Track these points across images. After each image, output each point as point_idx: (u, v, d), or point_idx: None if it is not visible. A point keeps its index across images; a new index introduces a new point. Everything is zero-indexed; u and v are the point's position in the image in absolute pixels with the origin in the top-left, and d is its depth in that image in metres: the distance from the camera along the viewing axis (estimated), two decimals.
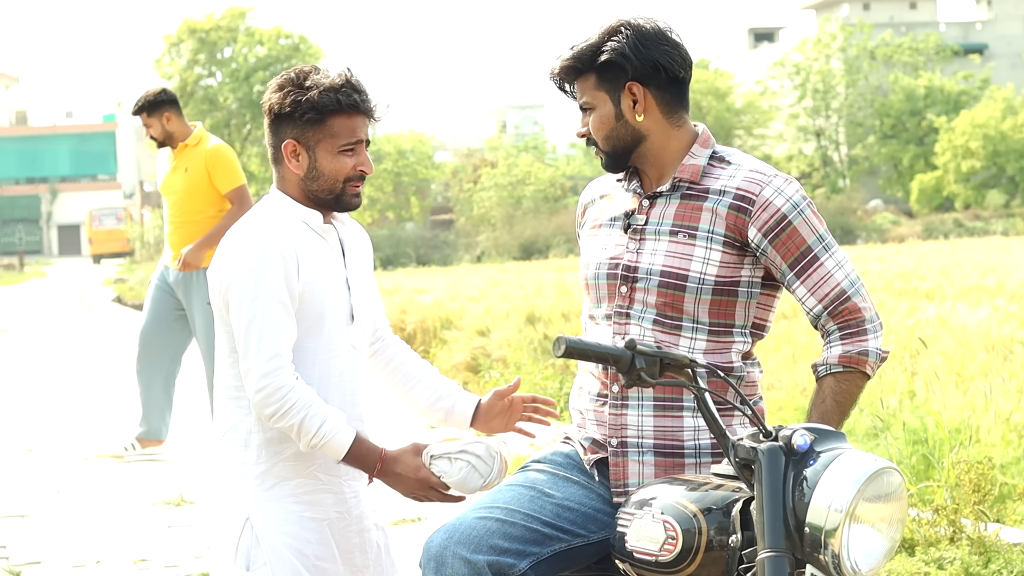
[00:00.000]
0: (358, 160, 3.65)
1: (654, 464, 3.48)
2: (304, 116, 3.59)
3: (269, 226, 3.62)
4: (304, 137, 3.62)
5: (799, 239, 3.47)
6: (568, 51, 3.58)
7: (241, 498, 3.65)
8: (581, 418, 3.62)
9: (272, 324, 3.53)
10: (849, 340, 3.47)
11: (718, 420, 3.12)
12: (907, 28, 77.94)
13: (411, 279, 29.43)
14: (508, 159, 65.85)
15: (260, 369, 3.52)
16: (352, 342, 3.70)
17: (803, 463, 3.00)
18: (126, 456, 9.26)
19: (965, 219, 59.00)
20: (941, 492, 6.49)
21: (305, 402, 3.54)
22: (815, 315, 3.51)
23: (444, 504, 3.68)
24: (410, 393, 3.92)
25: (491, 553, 3.29)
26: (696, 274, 3.47)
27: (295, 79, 3.63)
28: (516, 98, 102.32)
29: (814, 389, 3.51)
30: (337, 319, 3.66)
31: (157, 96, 8.98)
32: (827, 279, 3.48)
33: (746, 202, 3.48)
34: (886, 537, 3.00)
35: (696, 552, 3.12)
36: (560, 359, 3.33)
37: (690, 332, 3.50)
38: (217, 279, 3.62)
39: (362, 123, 3.65)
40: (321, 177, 3.64)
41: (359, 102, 3.62)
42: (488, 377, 12.95)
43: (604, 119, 3.55)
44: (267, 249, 3.56)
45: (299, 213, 3.66)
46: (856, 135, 70.47)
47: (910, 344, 11.22)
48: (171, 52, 68.62)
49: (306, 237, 3.64)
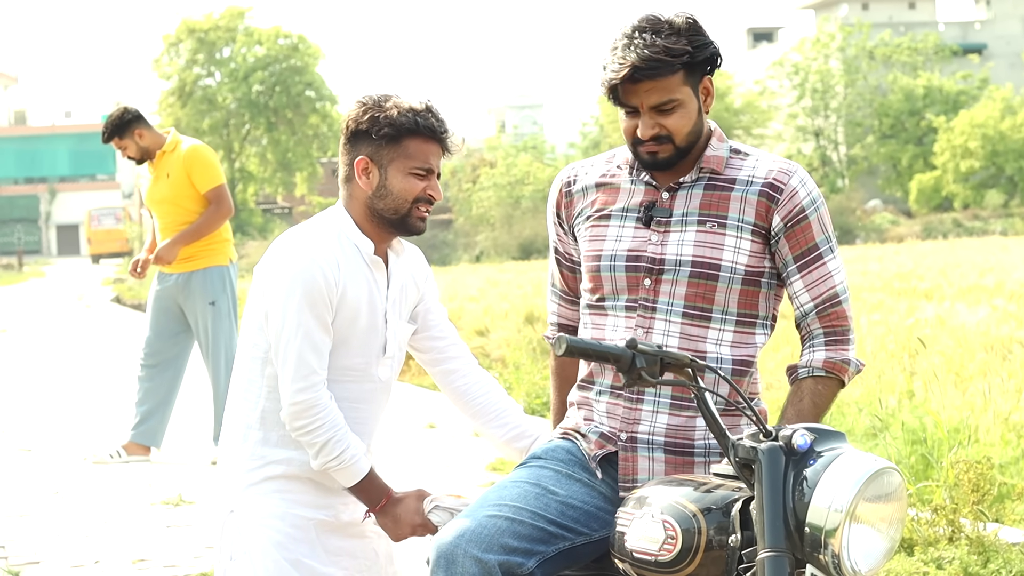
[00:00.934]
0: (428, 185, 3.68)
1: (664, 461, 3.48)
2: (381, 131, 3.61)
3: (321, 239, 3.65)
4: (378, 155, 3.65)
5: (810, 234, 3.51)
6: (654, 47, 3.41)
7: (229, 490, 3.69)
8: (589, 411, 3.59)
9: (312, 340, 3.59)
10: (833, 347, 3.52)
11: (718, 420, 3.11)
12: (906, 28, 77.93)
13: None
14: (507, 159, 65.85)
15: (298, 384, 3.58)
16: (379, 374, 3.75)
17: (803, 463, 3.00)
18: (111, 461, 9.21)
19: (964, 219, 59.03)
20: (940, 492, 6.49)
21: (334, 424, 3.61)
22: (803, 312, 3.54)
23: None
24: (488, 426, 3.95)
25: (501, 552, 3.28)
26: (728, 263, 3.48)
27: (376, 99, 3.66)
28: (515, 98, 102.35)
29: (790, 390, 3.53)
30: (368, 349, 3.70)
31: (123, 117, 8.94)
32: (826, 279, 3.52)
33: (775, 190, 3.51)
34: (886, 537, 3.00)
35: (696, 552, 3.11)
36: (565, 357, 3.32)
37: (719, 324, 3.50)
38: (262, 279, 3.66)
39: (436, 151, 3.68)
40: (389, 196, 3.66)
41: (436, 128, 3.65)
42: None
43: (690, 115, 3.51)
44: (314, 262, 3.60)
45: (354, 236, 3.69)
46: (855, 135, 70.49)
47: (909, 344, 11.23)
48: (170, 52, 68.60)
49: (353, 261, 3.67)
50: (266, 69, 66.76)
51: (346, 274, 3.63)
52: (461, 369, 3.95)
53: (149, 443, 9.21)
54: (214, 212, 8.88)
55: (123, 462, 9.19)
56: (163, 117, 68.33)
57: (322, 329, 3.60)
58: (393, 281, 3.76)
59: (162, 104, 68.44)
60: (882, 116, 69.39)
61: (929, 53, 72.24)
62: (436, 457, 9.48)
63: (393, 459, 9.47)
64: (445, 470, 8.95)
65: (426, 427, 11.00)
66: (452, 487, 8.27)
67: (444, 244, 57.55)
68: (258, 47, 68.09)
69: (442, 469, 9.00)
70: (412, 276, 3.85)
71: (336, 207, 3.75)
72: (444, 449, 9.83)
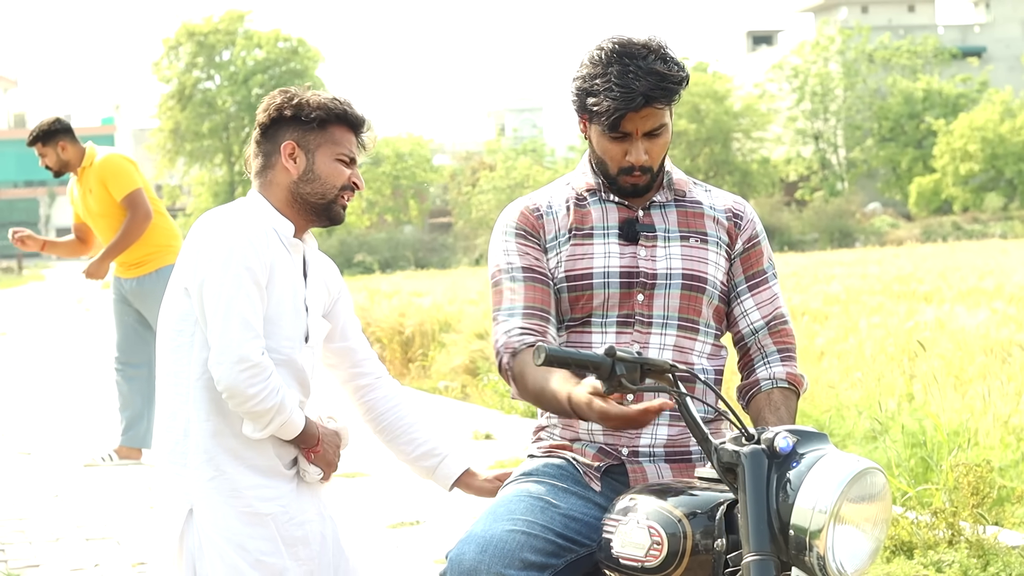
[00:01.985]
0: (353, 173, 3.71)
1: (670, 469, 3.51)
2: (310, 115, 3.62)
3: (247, 214, 3.63)
4: (304, 140, 3.65)
5: (761, 259, 3.67)
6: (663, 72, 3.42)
7: (183, 488, 3.63)
8: (575, 431, 3.56)
9: (253, 304, 3.53)
10: (788, 362, 3.61)
11: (700, 425, 3.11)
12: (905, 31, 77.99)
13: (409, 282, 29.43)
14: (506, 162, 65.88)
15: (246, 348, 3.50)
16: (302, 362, 3.70)
17: (786, 465, 3.00)
18: (103, 464, 9.23)
19: (963, 222, 59.08)
20: (940, 495, 6.49)
21: (280, 382, 3.57)
22: (754, 329, 3.62)
23: (440, 508, 3.71)
24: (395, 443, 3.93)
25: (522, 568, 3.27)
26: (712, 277, 3.58)
27: (296, 90, 3.69)
28: (515, 101, 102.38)
29: (758, 401, 3.53)
30: (290, 332, 3.65)
31: (52, 126, 8.93)
32: (773, 300, 3.65)
33: (737, 217, 3.67)
34: (871, 537, 3.00)
35: (682, 557, 3.11)
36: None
37: (704, 336, 3.58)
38: (190, 261, 3.58)
39: (354, 143, 3.72)
40: (317, 180, 3.66)
41: (362, 119, 3.71)
42: (486, 380, 12.97)
43: (668, 141, 3.57)
44: (249, 231, 3.56)
45: (273, 219, 3.65)
46: (854, 138, 70.54)
47: (908, 347, 11.23)
48: (170, 55, 68.67)
49: (274, 242, 3.63)
50: (266, 72, 66.83)
51: (271, 250, 3.60)
52: (373, 384, 3.92)
53: (139, 446, 9.23)
54: (131, 220, 8.81)
55: (116, 465, 9.21)
56: (163, 120, 68.42)
57: (259, 293, 3.54)
58: (310, 270, 3.74)
59: (162, 107, 68.52)
60: (881, 119, 69.46)
61: (928, 56, 72.30)
62: None
63: (393, 462, 9.47)
64: None
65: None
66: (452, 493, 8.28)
67: (443, 247, 57.54)
68: (258, 50, 68.17)
69: None
70: (323, 276, 3.82)
71: (250, 195, 3.71)
72: None
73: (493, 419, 11.49)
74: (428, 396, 13.60)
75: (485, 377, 13.12)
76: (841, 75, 70.23)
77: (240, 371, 3.50)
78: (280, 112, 3.65)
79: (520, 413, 11.67)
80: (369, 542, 7.00)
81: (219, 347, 3.51)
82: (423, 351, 15.72)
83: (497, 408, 12.16)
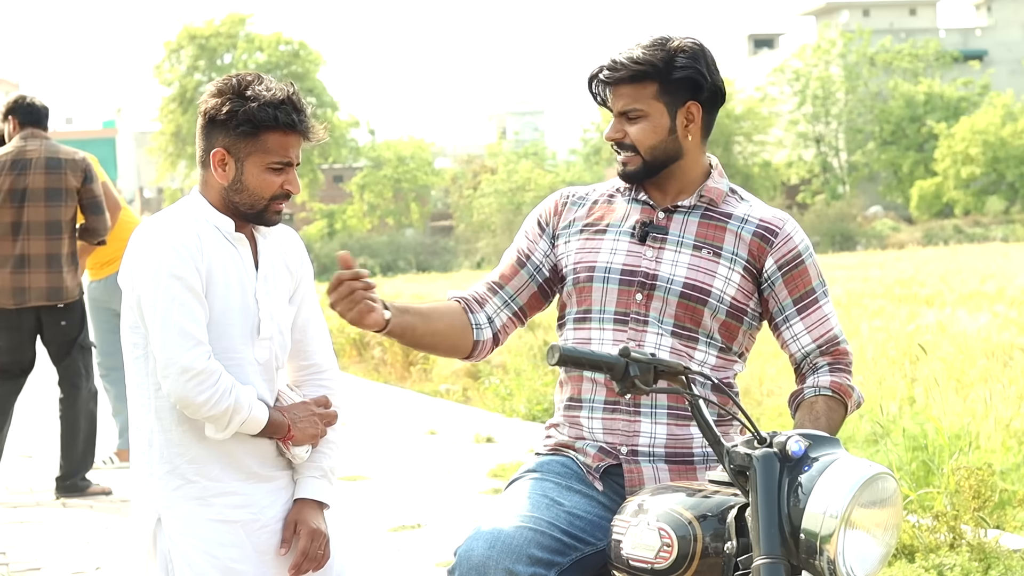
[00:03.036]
0: (286, 179, 3.58)
1: (668, 470, 3.51)
2: (239, 127, 3.51)
3: (177, 221, 3.56)
4: (235, 148, 3.54)
5: (807, 279, 3.59)
6: (630, 54, 3.55)
7: (151, 497, 3.61)
8: (579, 429, 3.59)
9: (189, 311, 3.48)
10: (838, 373, 3.59)
11: (712, 427, 3.12)
12: (907, 34, 77.99)
13: (411, 285, 29.47)
14: (508, 165, 65.92)
15: (187, 358, 3.46)
16: (257, 356, 3.63)
17: (798, 469, 3.00)
18: (104, 468, 9.22)
19: (965, 225, 59.09)
20: (941, 498, 6.49)
21: (232, 382, 3.51)
22: (806, 352, 3.59)
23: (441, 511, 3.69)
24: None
25: (529, 564, 3.28)
26: (718, 291, 3.54)
27: (236, 87, 3.55)
28: (516, 104, 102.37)
29: (800, 410, 3.54)
30: (240, 330, 3.59)
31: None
32: (824, 321, 3.60)
33: (770, 233, 3.58)
34: (881, 543, 3.00)
35: (692, 559, 3.11)
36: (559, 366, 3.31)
37: (704, 347, 3.56)
38: (127, 274, 3.56)
39: (296, 143, 3.57)
40: (245, 191, 3.56)
41: (296, 122, 3.53)
42: (488, 383, 12.97)
43: (656, 130, 3.57)
44: (175, 238, 3.51)
45: (212, 218, 3.59)
46: (856, 141, 70.54)
47: (910, 350, 11.23)
48: (171, 58, 68.72)
49: (214, 241, 3.57)
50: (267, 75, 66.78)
51: (209, 248, 3.54)
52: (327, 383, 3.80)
53: None
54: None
55: (116, 468, 9.22)
56: (164, 123, 68.45)
57: (196, 300, 3.49)
58: (262, 260, 3.66)
59: (163, 110, 68.56)
60: (883, 122, 69.45)
61: (930, 59, 72.31)
62: (437, 463, 9.49)
63: (394, 465, 9.47)
64: (446, 476, 8.95)
65: (427, 433, 11.01)
66: (453, 496, 8.28)
67: (445, 250, 57.60)
68: (259, 53, 68.21)
69: (443, 475, 9.00)
70: (284, 259, 3.73)
71: (192, 193, 3.65)
72: (445, 455, 9.83)
73: (494, 422, 11.50)
74: (429, 399, 13.61)
75: (486, 380, 13.13)
76: (842, 78, 70.24)
77: (185, 381, 3.47)
78: (216, 115, 3.55)
79: (521, 416, 11.68)
80: (370, 545, 6.99)
81: (162, 360, 3.49)
82: (424, 355, 15.72)
83: (498, 411, 12.17)
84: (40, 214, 8.02)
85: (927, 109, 68.91)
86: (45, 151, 8.08)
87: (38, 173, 8.02)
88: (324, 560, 3.70)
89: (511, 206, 60.81)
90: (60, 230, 8.06)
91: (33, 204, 8.01)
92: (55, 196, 8.05)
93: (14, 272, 8.03)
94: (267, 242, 3.69)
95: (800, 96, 70.72)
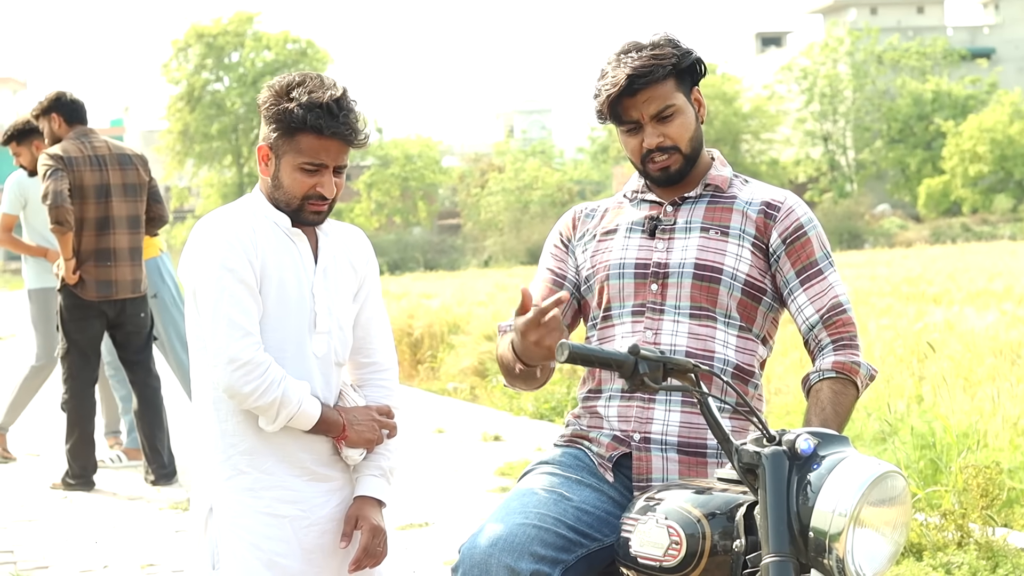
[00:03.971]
0: (318, 181, 3.61)
1: (678, 461, 3.52)
2: (276, 126, 3.59)
3: (233, 215, 3.64)
4: (275, 145, 3.62)
5: (810, 250, 3.63)
6: (636, 55, 3.58)
7: (206, 487, 3.67)
8: (598, 419, 3.62)
9: (239, 303, 3.54)
10: (841, 351, 3.57)
11: (721, 424, 3.12)
12: (914, 32, 77.90)
13: (418, 284, 29.46)
14: (515, 164, 65.90)
15: (234, 348, 3.52)
16: (315, 350, 3.67)
17: (807, 467, 3.00)
18: (111, 466, 9.24)
19: (973, 223, 59.00)
20: (949, 497, 6.48)
21: (280, 378, 3.55)
22: (810, 325, 3.60)
23: (449, 510, 3.69)
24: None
25: (532, 561, 3.29)
26: (730, 268, 3.58)
27: (284, 88, 3.60)
28: (524, 103, 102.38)
29: (808, 401, 3.55)
30: (296, 323, 3.64)
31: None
32: (828, 291, 3.61)
33: (772, 208, 3.65)
34: (890, 541, 3.00)
35: (700, 557, 3.12)
36: (567, 364, 3.32)
37: (724, 326, 3.59)
38: (185, 268, 3.64)
39: (332, 147, 3.58)
40: (281, 188, 3.64)
41: (324, 127, 3.54)
42: (495, 382, 12.97)
43: (688, 121, 3.63)
44: (229, 232, 3.58)
45: (269, 213, 3.66)
46: (863, 139, 70.46)
47: (918, 348, 11.21)
48: (179, 57, 68.76)
49: (270, 235, 3.63)
50: (275, 74, 66.66)
51: (264, 242, 3.60)
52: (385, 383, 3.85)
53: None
54: None
55: (124, 466, 9.23)
56: (172, 122, 68.53)
57: (247, 291, 3.55)
58: (322, 255, 3.71)
59: (171, 109, 68.63)
60: (891, 121, 69.37)
61: (938, 57, 72.21)
62: (445, 462, 9.49)
63: (402, 463, 9.47)
64: (454, 475, 8.96)
65: (435, 432, 11.01)
66: (461, 494, 8.28)
67: (452, 249, 57.60)
68: (267, 52, 68.25)
69: (451, 474, 9.00)
70: (348, 256, 3.78)
71: (254, 190, 3.73)
72: (453, 454, 9.84)
73: (502, 420, 11.50)
74: (437, 397, 13.61)
75: (494, 379, 13.13)
76: (850, 76, 70.17)
77: (232, 371, 3.53)
78: (265, 112, 3.62)
79: (529, 415, 11.68)
80: None
81: (212, 350, 3.57)
82: (432, 353, 15.74)
83: (506, 409, 12.17)
84: (123, 208, 8.30)
85: (935, 107, 68.83)
86: (112, 148, 8.36)
87: (114, 169, 8.29)
88: (382, 557, 3.77)
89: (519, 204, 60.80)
90: (139, 224, 8.39)
91: (116, 199, 8.27)
92: (132, 191, 8.34)
93: (99, 265, 8.25)
94: (329, 239, 3.75)
95: (808, 94, 70.65)
